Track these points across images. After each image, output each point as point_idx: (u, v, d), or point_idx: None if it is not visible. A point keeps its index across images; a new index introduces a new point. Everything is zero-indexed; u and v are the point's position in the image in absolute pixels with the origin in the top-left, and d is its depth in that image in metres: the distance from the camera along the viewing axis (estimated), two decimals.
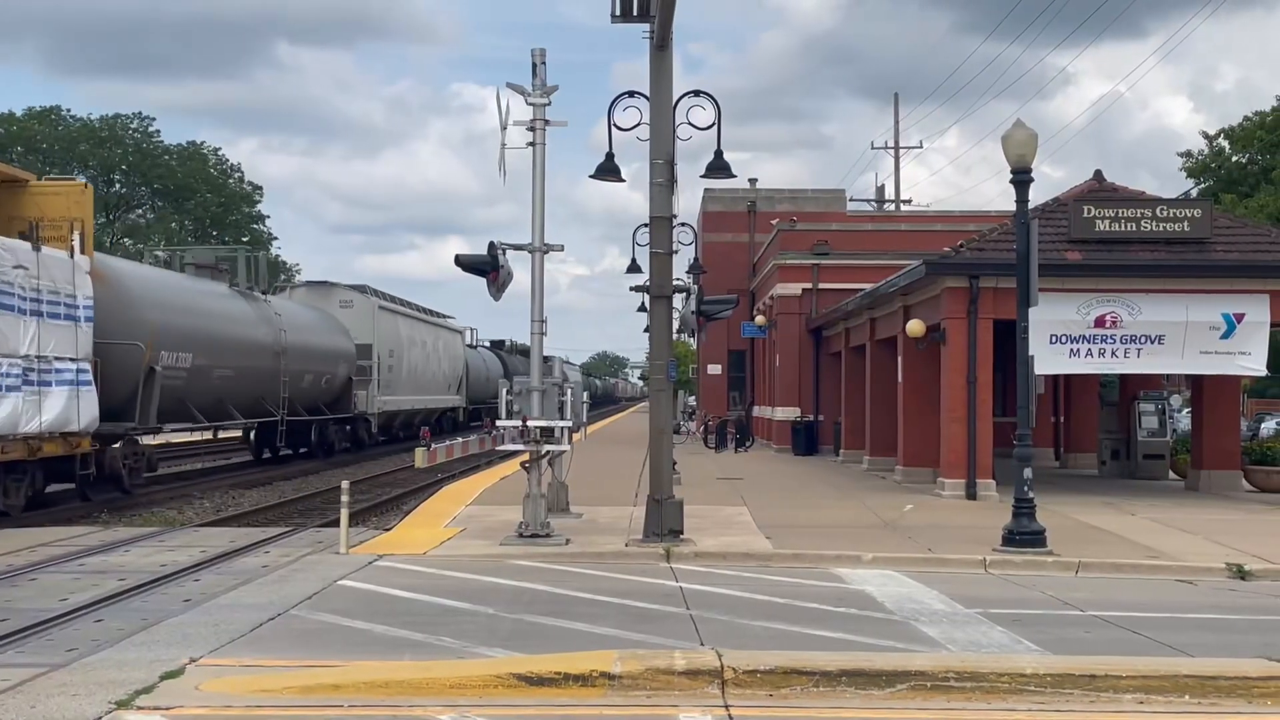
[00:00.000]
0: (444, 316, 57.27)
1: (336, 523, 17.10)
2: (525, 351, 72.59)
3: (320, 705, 8.54)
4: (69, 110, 78.85)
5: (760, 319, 45.02)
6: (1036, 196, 17.56)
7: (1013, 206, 17.58)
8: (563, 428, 17.26)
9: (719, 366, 52.64)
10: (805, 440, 38.64)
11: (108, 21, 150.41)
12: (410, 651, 10.16)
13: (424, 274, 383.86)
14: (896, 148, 62.70)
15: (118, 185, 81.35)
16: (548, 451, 17.56)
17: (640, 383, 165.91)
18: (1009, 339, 21.66)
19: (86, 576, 14.21)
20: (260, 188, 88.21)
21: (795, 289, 40.94)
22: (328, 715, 8.32)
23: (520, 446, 17.26)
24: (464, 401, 57.95)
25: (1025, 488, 16.51)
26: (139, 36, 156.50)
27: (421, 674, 9.16)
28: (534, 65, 17.11)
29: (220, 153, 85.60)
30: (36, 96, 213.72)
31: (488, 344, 71.21)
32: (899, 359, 28.01)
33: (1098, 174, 26.79)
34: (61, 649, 10.28)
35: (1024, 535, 16.35)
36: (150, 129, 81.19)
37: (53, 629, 11.17)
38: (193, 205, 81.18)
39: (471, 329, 64.24)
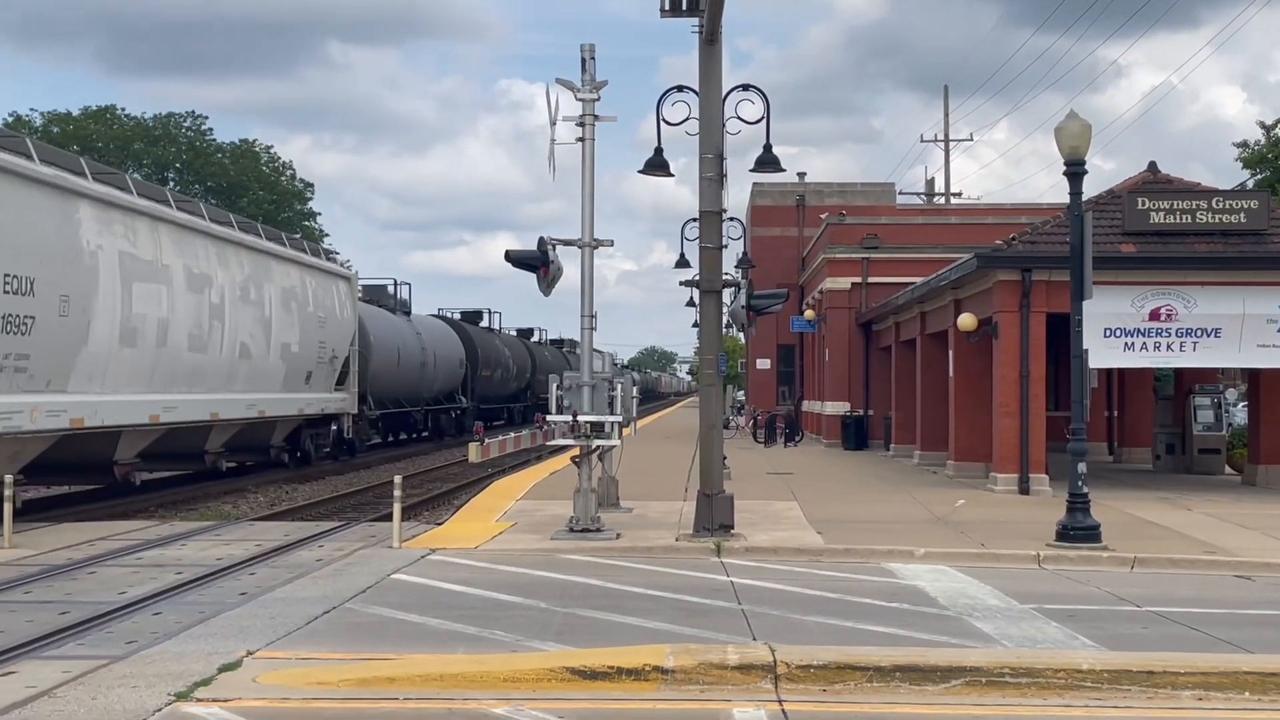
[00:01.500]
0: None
1: (389, 517, 17.22)
2: (558, 344, 68.40)
3: (376, 698, 8.61)
4: (124, 109, 79.70)
5: (809, 313, 44.85)
6: (1089, 189, 17.42)
7: (1065, 199, 17.42)
8: (613, 423, 17.29)
9: (768, 361, 52.49)
10: (855, 435, 38.48)
11: (162, 23, 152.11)
12: (464, 645, 10.22)
13: (473, 270, 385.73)
14: (946, 140, 62.28)
15: (171, 183, 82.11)
16: (598, 446, 17.59)
17: (689, 378, 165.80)
18: (1062, 332, 21.50)
19: (144, 570, 14.39)
20: (311, 185, 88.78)
21: (845, 283, 40.77)
22: (383, 708, 8.39)
23: (570, 441, 17.31)
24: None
25: (1079, 482, 16.36)
26: (193, 37, 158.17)
27: (475, 667, 9.22)
28: (583, 61, 17.14)
29: (272, 150, 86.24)
30: (93, 96, 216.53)
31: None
32: (950, 353, 27.84)
33: (1152, 165, 26.48)
34: (121, 641, 10.42)
35: (1078, 530, 16.20)
36: (203, 127, 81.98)
37: (112, 622, 11.32)
38: (245, 203, 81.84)
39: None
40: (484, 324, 59.54)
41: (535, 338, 73.50)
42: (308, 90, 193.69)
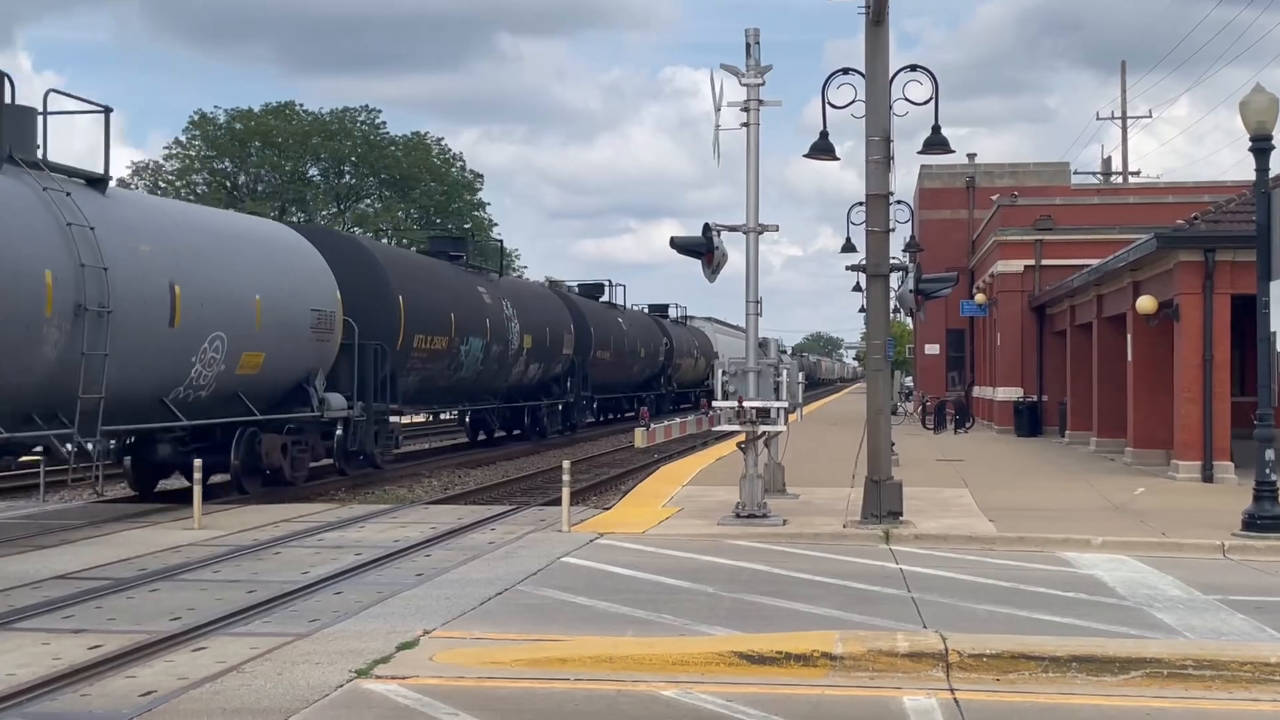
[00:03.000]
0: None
1: (558, 501, 17.49)
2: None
3: (547, 678, 8.76)
4: (302, 105, 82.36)
5: (980, 297, 43.98)
6: (1276, 165, 16.69)
7: (1251, 176, 16.75)
8: (779, 408, 17.24)
9: (937, 346, 51.66)
10: (1028, 421, 37.65)
11: (339, 20, 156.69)
12: (632, 628, 10.32)
13: (637, 257, 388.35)
14: (1124, 118, 60.30)
15: (347, 176, 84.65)
16: (764, 432, 17.56)
17: (856, 363, 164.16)
18: (1248, 315, 20.64)
19: (326, 551, 14.90)
20: (481, 176, 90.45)
21: (1017, 266, 39.84)
22: (554, 688, 8.53)
23: (736, 427, 17.32)
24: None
25: (1267, 470, 15.74)
26: (367, 33, 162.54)
27: (644, 650, 9.31)
28: (748, 45, 17.09)
29: (443, 142, 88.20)
30: (273, 93, 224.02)
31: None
32: (1128, 336, 27.01)
33: None
34: (304, 619, 10.81)
35: (1266, 519, 15.58)
36: (377, 121, 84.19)
37: (296, 600, 11.75)
38: (418, 194, 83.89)
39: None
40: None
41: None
42: (478, 83, 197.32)
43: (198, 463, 17.45)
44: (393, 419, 26.84)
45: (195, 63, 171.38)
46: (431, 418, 41.59)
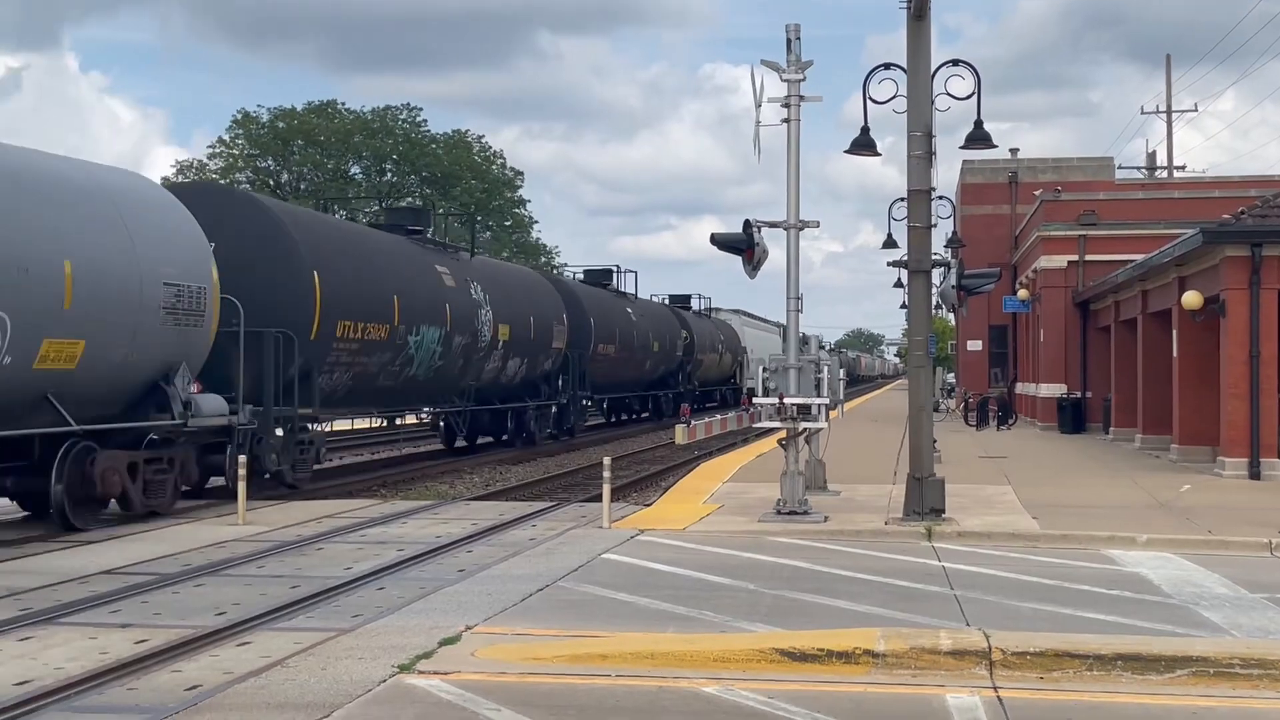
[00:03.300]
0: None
1: (598, 498, 17.50)
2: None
3: (589, 674, 8.78)
4: (344, 104, 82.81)
5: (1023, 293, 43.65)
6: None
7: None
8: (820, 405, 17.18)
9: (979, 342, 51.33)
10: (1072, 417, 37.33)
11: (380, 20, 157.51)
12: (673, 624, 10.32)
13: (677, 254, 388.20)
14: (1169, 112, 59.66)
15: (389, 174, 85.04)
16: (804, 429, 17.51)
17: (897, 360, 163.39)
18: None
19: (368, 546, 14.99)
20: (521, 173, 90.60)
21: (1060, 261, 39.50)
22: (596, 684, 8.54)
23: (777, 423, 17.28)
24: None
25: None
26: (409, 32, 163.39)
27: (685, 646, 9.31)
28: (788, 41, 17.04)
29: (483, 140, 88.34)
30: (315, 92, 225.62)
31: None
32: (1174, 332, 26.75)
33: None
34: (347, 614, 10.88)
35: None
36: (418, 119, 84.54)
37: (339, 595, 11.83)
38: (458, 191, 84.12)
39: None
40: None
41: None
42: (518, 81, 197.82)
43: (242, 458, 17.61)
44: (313, 426, 21.85)
45: (239, 62, 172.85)
46: (385, 423, 35.37)
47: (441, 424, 32.28)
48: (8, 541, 14.88)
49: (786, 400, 16.94)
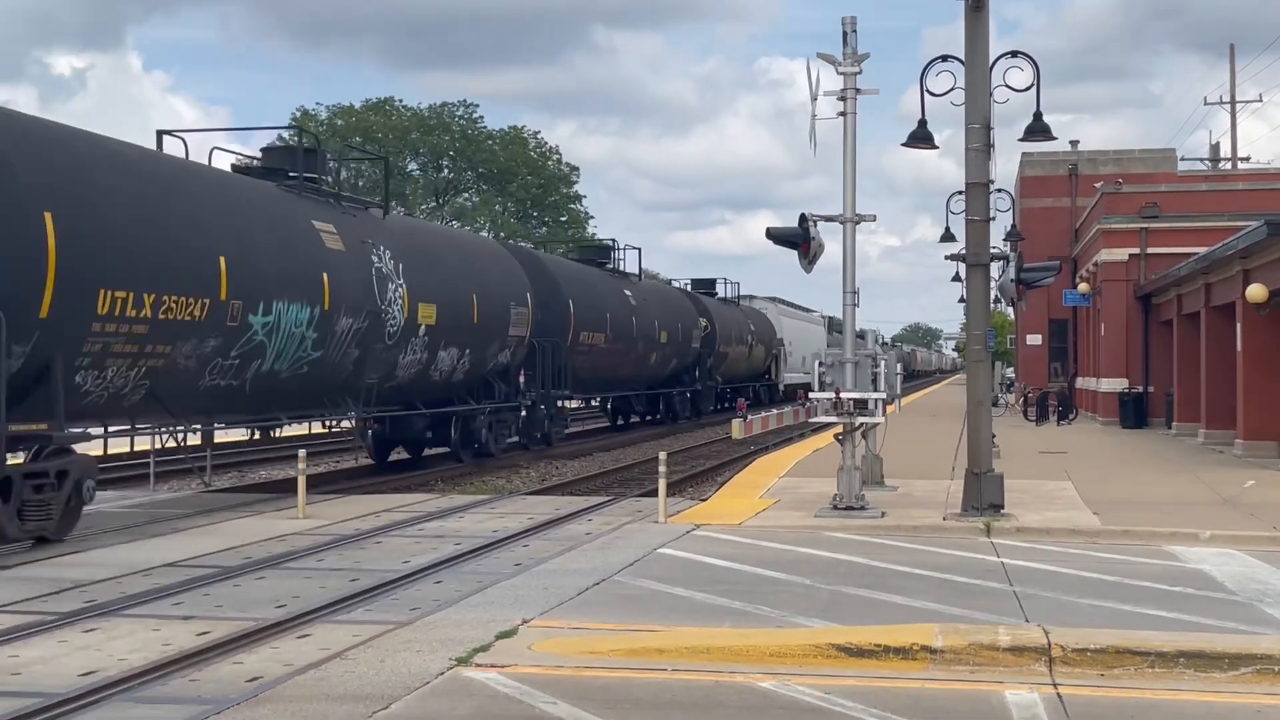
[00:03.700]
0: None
1: (654, 493, 17.53)
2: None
3: (645, 668, 8.79)
4: (401, 101, 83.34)
5: (1083, 286, 43.17)
6: None
7: None
8: (877, 399, 17.09)
9: (1039, 336, 50.80)
10: (1133, 412, 36.91)
11: (437, 17, 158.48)
12: (729, 619, 10.31)
13: (732, 249, 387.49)
14: (1233, 102, 58.71)
15: (445, 170, 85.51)
16: (861, 424, 17.43)
17: (955, 354, 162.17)
18: None
19: (426, 540, 15.09)
20: (577, 168, 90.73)
21: (1121, 254, 39.03)
22: (652, 678, 8.55)
23: (833, 419, 17.21)
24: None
25: None
26: (465, 30, 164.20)
27: (741, 641, 9.30)
28: (844, 34, 16.96)
29: (539, 136, 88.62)
30: (373, 89, 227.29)
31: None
32: (1238, 326, 26.35)
33: None
34: (405, 608, 10.96)
35: None
36: (475, 115, 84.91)
37: (397, 589, 11.92)
38: (514, 187, 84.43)
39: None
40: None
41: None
42: (574, 77, 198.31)
43: (302, 453, 17.86)
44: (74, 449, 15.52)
45: (298, 60, 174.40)
46: (256, 434, 25.51)
47: (369, 433, 25.92)
48: (72, 536, 15.11)
49: (843, 395, 16.86)
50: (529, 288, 28.29)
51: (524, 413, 28.99)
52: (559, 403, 31.40)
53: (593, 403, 34.90)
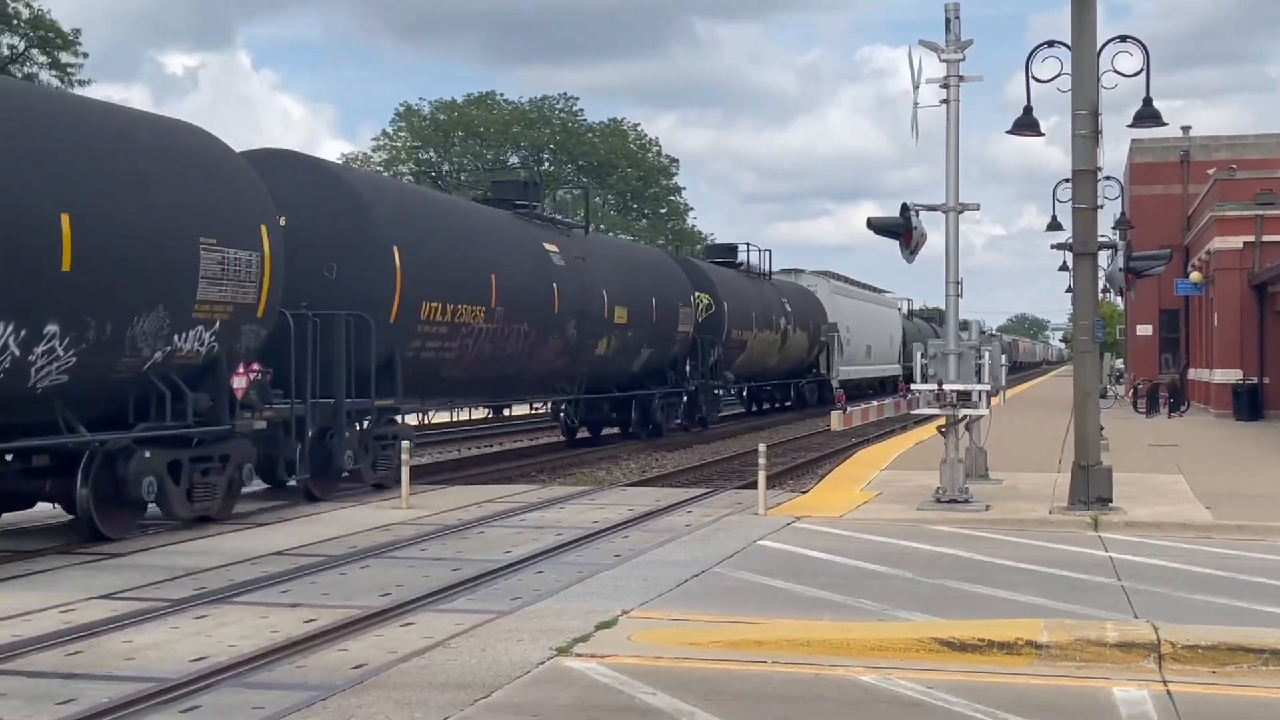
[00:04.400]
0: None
1: (754, 485, 17.47)
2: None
3: (744, 660, 8.77)
4: (502, 95, 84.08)
5: (1195, 275, 42.16)
6: None
7: None
8: (980, 391, 16.86)
9: (1149, 327, 49.70)
10: (1248, 404, 35.96)
11: (537, 11, 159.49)
12: (829, 612, 10.25)
13: (834, 240, 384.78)
14: None
15: (546, 163, 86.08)
16: (964, 416, 17.20)
17: (1062, 345, 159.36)
18: None
19: (527, 531, 15.21)
20: (677, 160, 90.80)
21: (1235, 242, 38.02)
22: (752, 670, 8.53)
23: (936, 411, 17.00)
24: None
25: None
26: (566, 23, 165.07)
27: (841, 634, 9.23)
28: (947, 21, 16.74)
29: (639, 128, 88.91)
30: (475, 84, 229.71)
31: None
32: None
33: None
34: (506, 597, 11.06)
35: None
36: (575, 108, 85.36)
37: (498, 578, 12.03)
38: (614, 180, 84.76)
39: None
40: (744, 266, 40.75)
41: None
42: (674, 69, 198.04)
43: (405, 444, 18.11)
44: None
45: (402, 57, 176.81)
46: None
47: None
48: (176, 526, 15.46)
49: (945, 386, 16.66)
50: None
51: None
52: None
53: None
